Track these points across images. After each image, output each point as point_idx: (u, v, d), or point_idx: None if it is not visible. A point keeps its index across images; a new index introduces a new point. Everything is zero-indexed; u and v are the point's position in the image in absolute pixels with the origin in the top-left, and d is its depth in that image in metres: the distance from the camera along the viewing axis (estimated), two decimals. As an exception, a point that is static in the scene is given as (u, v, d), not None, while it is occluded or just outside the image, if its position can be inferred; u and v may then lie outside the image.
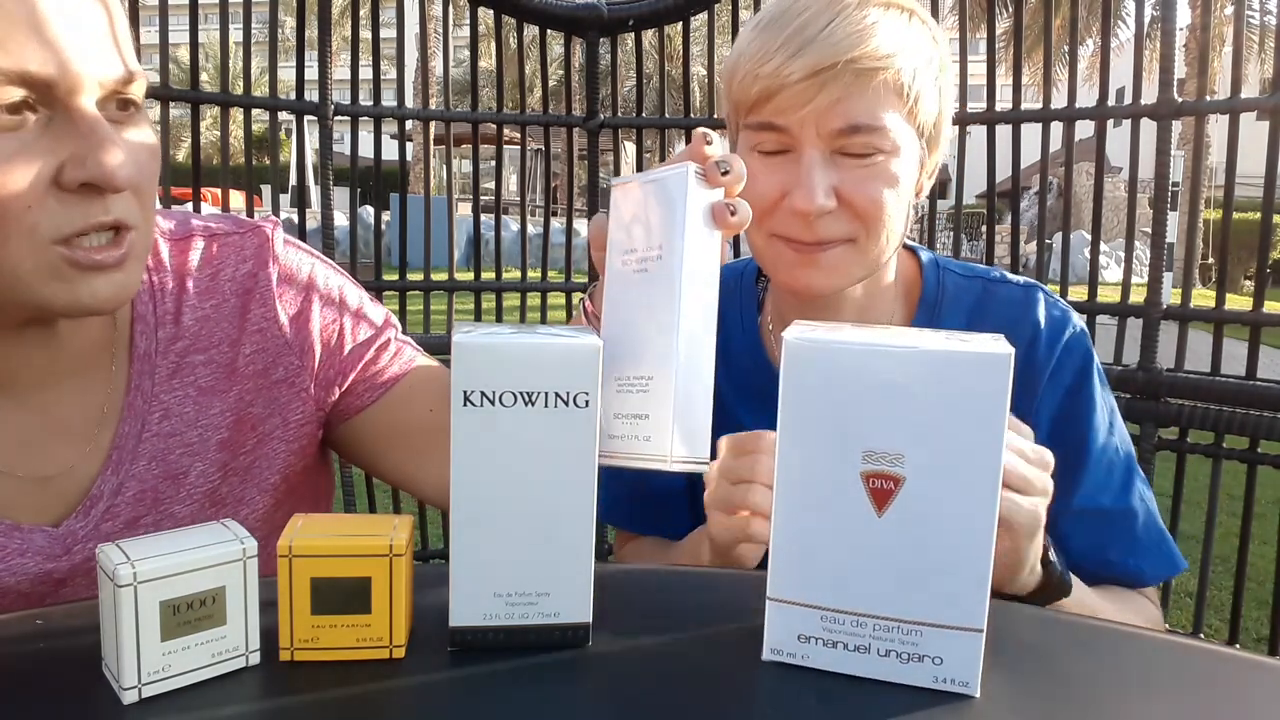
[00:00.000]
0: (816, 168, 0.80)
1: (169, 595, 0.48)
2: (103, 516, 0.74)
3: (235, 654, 0.51)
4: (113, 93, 0.64)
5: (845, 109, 0.79)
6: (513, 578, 0.53)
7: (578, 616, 0.55)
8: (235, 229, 0.83)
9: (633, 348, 0.56)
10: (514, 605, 0.54)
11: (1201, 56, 1.39)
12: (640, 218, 0.58)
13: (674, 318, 0.55)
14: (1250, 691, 0.54)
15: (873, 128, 0.80)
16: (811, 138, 0.80)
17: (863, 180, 0.81)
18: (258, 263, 0.81)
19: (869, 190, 0.81)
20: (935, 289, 0.93)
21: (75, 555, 0.73)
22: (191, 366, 0.78)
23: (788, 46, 0.78)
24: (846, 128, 0.79)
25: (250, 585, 0.51)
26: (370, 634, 0.52)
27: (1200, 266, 9.81)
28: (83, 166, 0.61)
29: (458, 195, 2.62)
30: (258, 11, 1.63)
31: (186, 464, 0.77)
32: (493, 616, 0.54)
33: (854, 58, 0.77)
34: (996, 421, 0.48)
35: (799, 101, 0.79)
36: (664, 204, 0.56)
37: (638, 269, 0.57)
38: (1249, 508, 1.33)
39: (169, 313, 0.78)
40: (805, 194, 0.80)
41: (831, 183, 0.81)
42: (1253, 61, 10.84)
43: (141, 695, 0.48)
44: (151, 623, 0.48)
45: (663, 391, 0.55)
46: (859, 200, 0.81)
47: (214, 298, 0.80)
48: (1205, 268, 11.76)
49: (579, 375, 0.52)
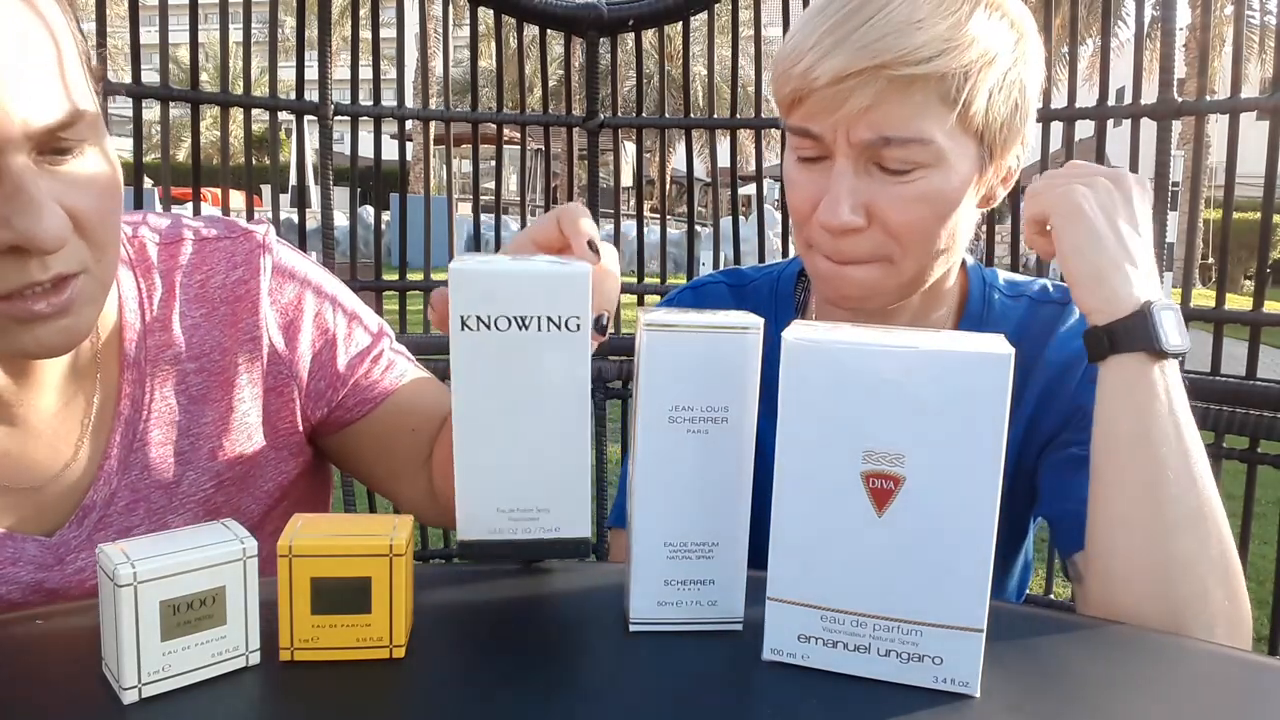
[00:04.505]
0: (844, 180, 0.74)
1: (169, 595, 0.48)
2: (96, 526, 0.73)
3: (235, 654, 0.51)
4: (51, 137, 0.59)
5: (875, 119, 0.72)
6: (514, 494, 0.56)
7: (577, 531, 0.57)
8: (227, 233, 0.81)
9: (689, 512, 0.56)
10: (516, 520, 0.56)
11: (1201, 56, 1.39)
12: (697, 372, 0.54)
13: (746, 483, 0.56)
14: (1250, 691, 0.54)
15: (907, 140, 0.72)
16: (843, 147, 0.74)
17: (898, 199, 0.74)
18: (248, 270, 0.80)
19: (904, 211, 0.74)
20: (981, 306, 0.89)
21: (68, 566, 0.72)
22: (183, 374, 0.77)
23: (821, 44, 0.71)
24: (877, 140, 0.72)
25: (250, 585, 0.51)
26: (370, 634, 0.52)
27: (1200, 266, 9.81)
28: (9, 228, 0.57)
29: (458, 195, 2.62)
30: (258, 11, 1.63)
31: (179, 472, 0.76)
32: (497, 531, 0.56)
33: (885, 63, 0.69)
34: (996, 421, 0.48)
35: (827, 108, 0.73)
36: (732, 362, 0.54)
37: (694, 429, 0.55)
38: (1249, 508, 1.33)
39: (158, 320, 0.77)
40: (829, 208, 0.75)
41: (862, 199, 0.75)
42: (1253, 61, 10.83)
43: (142, 695, 0.48)
44: (151, 623, 0.48)
45: (731, 558, 0.57)
46: (892, 221, 0.75)
47: (204, 305, 0.78)
48: (1205, 268, 11.76)
49: (571, 300, 0.54)
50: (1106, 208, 0.69)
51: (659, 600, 0.57)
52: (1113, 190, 0.70)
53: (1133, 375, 0.66)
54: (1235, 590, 0.65)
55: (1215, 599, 0.63)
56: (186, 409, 0.77)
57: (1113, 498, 0.67)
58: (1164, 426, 0.65)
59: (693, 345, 0.54)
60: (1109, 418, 0.67)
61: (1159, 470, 0.64)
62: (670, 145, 1.74)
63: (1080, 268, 0.69)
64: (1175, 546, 0.64)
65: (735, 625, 0.57)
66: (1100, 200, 0.69)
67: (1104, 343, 0.68)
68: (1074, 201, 0.69)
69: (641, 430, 0.55)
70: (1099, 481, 0.68)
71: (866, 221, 0.76)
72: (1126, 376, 0.66)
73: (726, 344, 0.54)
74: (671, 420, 0.55)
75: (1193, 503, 0.64)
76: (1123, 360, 0.66)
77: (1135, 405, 0.66)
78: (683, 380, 0.54)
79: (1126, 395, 0.66)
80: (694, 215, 1.85)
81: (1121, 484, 0.66)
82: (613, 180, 1.82)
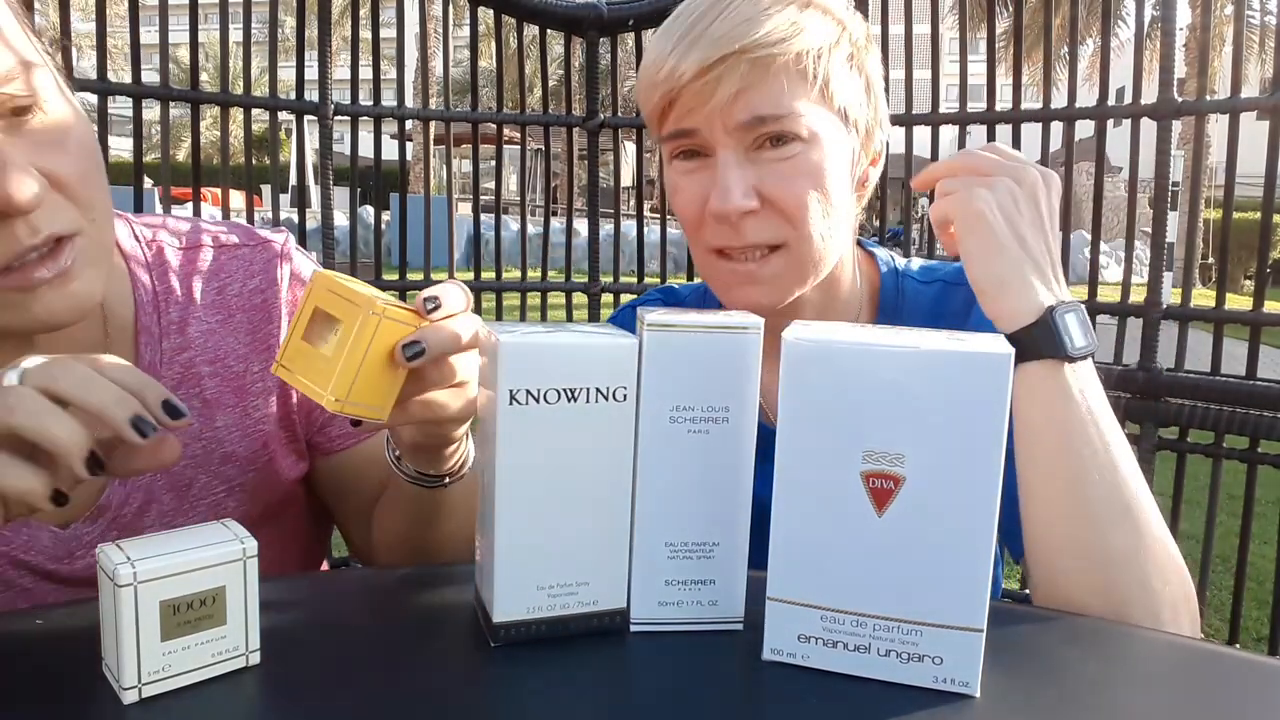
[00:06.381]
0: (731, 167, 0.77)
1: (169, 595, 0.48)
2: (109, 525, 0.74)
3: (235, 654, 0.51)
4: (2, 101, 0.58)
5: (746, 100, 0.75)
6: (555, 569, 0.55)
7: (615, 603, 0.56)
8: (246, 241, 0.82)
9: (689, 512, 0.56)
10: (555, 596, 0.55)
11: (1201, 56, 1.39)
12: (697, 372, 0.55)
13: (746, 483, 0.56)
14: (1250, 691, 0.54)
15: (778, 116, 0.75)
16: (721, 137, 0.77)
17: (783, 176, 0.77)
18: (266, 279, 0.80)
19: (791, 186, 0.77)
20: (894, 296, 0.90)
21: (77, 561, 0.72)
22: (197, 378, 0.77)
23: (680, 46, 0.75)
24: (751, 119, 0.75)
25: (250, 585, 0.51)
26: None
27: (1200, 266, 9.81)
28: None
29: (458, 195, 2.61)
30: (258, 11, 1.62)
31: (190, 476, 0.77)
32: (535, 609, 0.55)
33: (745, 46, 0.73)
34: (996, 421, 0.48)
35: (699, 100, 0.76)
36: (732, 361, 0.55)
37: (695, 429, 0.55)
38: (1249, 508, 1.33)
39: (174, 323, 0.77)
40: (721, 194, 0.76)
41: (750, 182, 0.77)
42: (1253, 61, 10.83)
43: (142, 695, 0.48)
44: (151, 623, 0.48)
45: (731, 558, 0.57)
46: (781, 197, 0.77)
47: (220, 312, 0.79)
48: (1205, 267, 11.76)
49: (619, 371, 0.53)
50: (1007, 210, 0.68)
51: (659, 600, 0.57)
52: (1015, 189, 0.69)
53: (1045, 381, 0.66)
54: (1173, 573, 0.65)
55: (1154, 587, 0.64)
56: (200, 413, 0.77)
57: (1040, 502, 0.66)
58: (1082, 428, 0.65)
59: (693, 345, 0.54)
60: (1027, 425, 0.67)
61: (1083, 471, 0.64)
62: (670, 145, 1.74)
63: (981, 276, 0.68)
64: (1110, 542, 0.64)
65: (735, 625, 0.57)
66: (1001, 202, 0.68)
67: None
68: (974, 208, 0.68)
69: (642, 430, 0.55)
70: (1026, 487, 0.67)
71: (759, 203, 0.77)
72: (1038, 383, 0.66)
73: (726, 344, 0.54)
74: (672, 420, 0.55)
75: (1121, 497, 0.64)
76: (1032, 368, 0.66)
77: (1051, 412, 0.66)
78: (683, 380, 0.54)
79: (1041, 402, 0.66)
80: (694, 215, 1.84)
81: (1048, 488, 0.66)
82: (613, 180, 1.83)
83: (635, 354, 0.54)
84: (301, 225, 1.63)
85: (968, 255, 0.68)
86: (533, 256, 1.89)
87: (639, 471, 0.55)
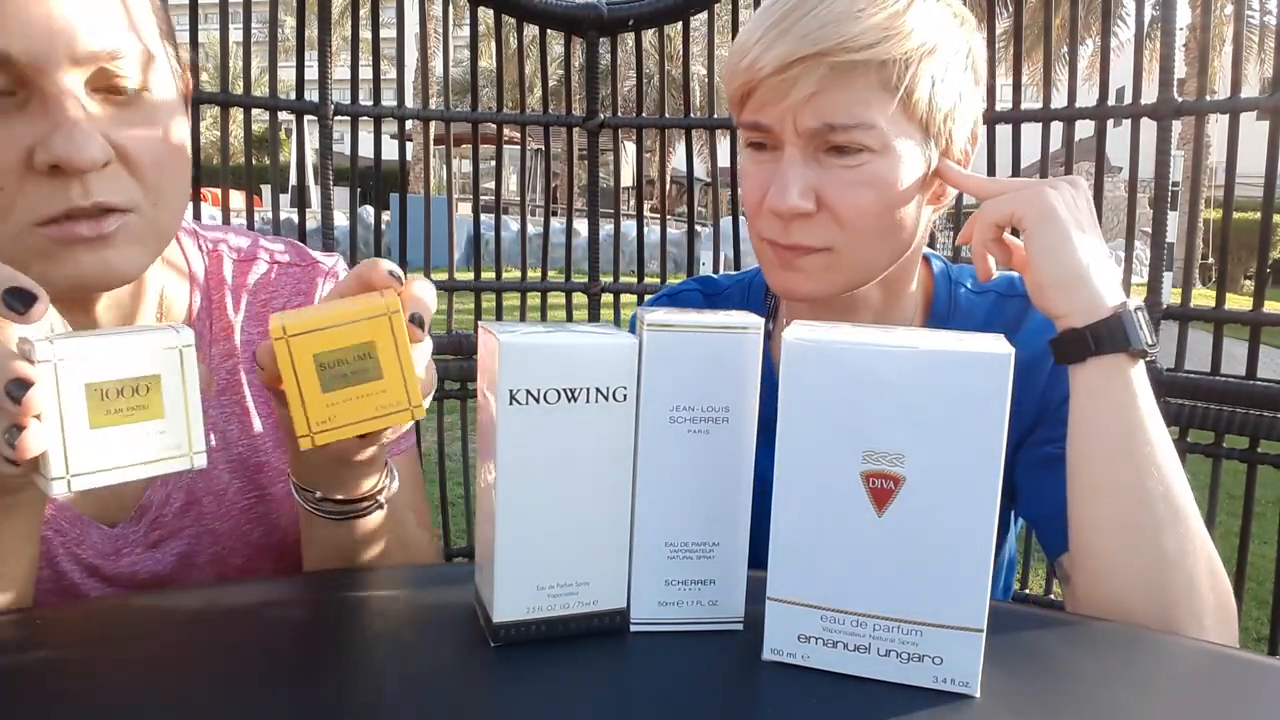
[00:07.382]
0: (793, 167, 0.76)
1: (94, 378, 0.46)
2: (151, 525, 0.75)
3: (178, 453, 0.49)
4: (100, 71, 0.60)
5: (819, 105, 0.74)
6: (555, 569, 0.55)
7: (615, 603, 0.56)
8: (298, 260, 0.84)
9: (689, 512, 0.56)
10: (555, 596, 0.55)
11: (1201, 56, 1.39)
12: (698, 372, 0.55)
13: (746, 482, 0.56)
14: (1250, 691, 0.54)
15: (850, 126, 0.74)
16: (790, 136, 0.76)
17: (845, 184, 0.76)
18: (307, 299, 0.83)
19: (851, 195, 0.76)
20: (947, 304, 0.90)
21: (121, 559, 0.74)
22: (238, 386, 0.80)
23: (766, 37, 0.74)
24: (822, 126, 0.74)
25: (190, 379, 0.49)
26: (388, 400, 0.51)
27: (1200, 266, 9.81)
28: (46, 149, 0.59)
29: (458, 195, 2.62)
30: (258, 11, 1.62)
31: (226, 480, 0.78)
32: (535, 609, 0.55)
33: (826, 49, 0.72)
34: (996, 421, 0.48)
35: (773, 97, 0.75)
36: (732, 362, 0.55)
37: (695, 429, 0.55)
38: (1249, 508, 1.32)
39: (223, 329, 0.79)
40: (777, 192, 0.76)
41: (810, 183, 0.76)
42: (1253, 61, 10.84)
43: (71, 488, 0.46)
44: (77, 407, 0.45)
45: (731, 558, 0.57)
46: (839, 205, 0.76)
47: (263, 325, 0.81)
48: (1205, 267, 11.76)
49: (619, 371, 0.53)
50: (1074, 210, 0.70)
51: (659, 600, 0.57)
52: (1073, 191, 0.71)
53: (1114, 376, 0.67)
54: (1218, 582, 0.66)
55: (1202, 592, 0.64)
56: (240, 419, 0.79)
57: (1100, 500, 0.67)
58: (1146, 426, 0.66)
59: (693, 345, 0.54)
60: (1093, 420, 0.67)
61: (1144, 470, 0.65)
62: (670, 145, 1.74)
63: (1055, 271, 0.69)
64: (1164, 544, 0.64)
65: (735, 625, 0.57)
66: (1066, 201, 0.70)
67: (1086, 344, 0.68)
68: (1048, 203, 0.69)
69: (642, 430, 0.55)
70: (1083, 484, 0.67)
71: (815, 207, 0.77)
72: (1107, 378, 0.67)
73: (727, 344, 0.54)
74: (672, 420, 0.55)
75: (1175, 499, 0.65)
76: (1103, 361, 0.66)
77: (1119, 406, 0.66)
78: (683, 380, 0.54)
79: (1109, 397, 0.67)
80: (694, 215, 1.84)
81: (1110, 486, 0.66)
82: (613, 180, 1.82)
83: (635, 354, 0.54)
84: (301, 225, 1.63)
85: (1042, 250, 0.68)
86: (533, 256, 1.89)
87: (639, 471, 0.55)
